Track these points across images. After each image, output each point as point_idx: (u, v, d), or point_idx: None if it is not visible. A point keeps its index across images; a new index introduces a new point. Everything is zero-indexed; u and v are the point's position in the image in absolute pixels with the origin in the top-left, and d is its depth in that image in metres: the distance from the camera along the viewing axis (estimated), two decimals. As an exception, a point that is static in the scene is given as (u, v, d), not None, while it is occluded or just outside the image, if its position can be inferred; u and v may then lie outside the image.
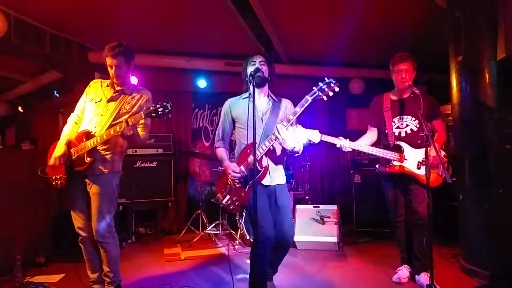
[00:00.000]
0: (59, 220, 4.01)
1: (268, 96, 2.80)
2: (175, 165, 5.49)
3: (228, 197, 2.67)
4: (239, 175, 2.61)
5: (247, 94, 2.76)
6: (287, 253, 2.83)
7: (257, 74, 2.52)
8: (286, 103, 2.82)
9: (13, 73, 6.08)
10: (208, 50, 5.37)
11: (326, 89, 2.45)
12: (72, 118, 2.92)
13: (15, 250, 3.51)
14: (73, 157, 2.74)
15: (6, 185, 3.59)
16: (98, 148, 2.71)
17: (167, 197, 5.35)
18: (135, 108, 2.82)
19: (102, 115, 2.78)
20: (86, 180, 2.74)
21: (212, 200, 4.86)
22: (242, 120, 2.71)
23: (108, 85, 2.87)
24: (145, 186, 5.14)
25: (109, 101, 2.81)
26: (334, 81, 2.46)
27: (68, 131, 2.85)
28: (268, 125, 2.67)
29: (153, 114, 2.53)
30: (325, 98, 2.49)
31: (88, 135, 2.72)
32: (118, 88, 2.84)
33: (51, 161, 2.73)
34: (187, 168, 5.93)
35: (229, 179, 2.68)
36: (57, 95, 6.37)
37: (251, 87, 2.49)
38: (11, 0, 3.80)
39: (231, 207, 2.67)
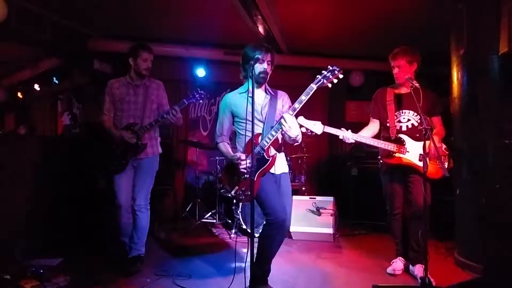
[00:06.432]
0: (59, 205, 4.03)
1: (265, 90, 2.78)
2: (173, 154, 5.50)
3: (236, 187, 2.64)
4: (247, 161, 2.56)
5: (244, 89, 2.75)
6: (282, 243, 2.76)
7: (262, 76, 2.63)
8: (281, 95, 2.82)
9: (12, 59, 6.04)
10: (207, 38, 5.31)
11: (331, 77, 2.49)
12: (106, 118, 3.32)
13: (16, 233, 3.55)
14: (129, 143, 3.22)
15: (9, 170, 3.59)
16: (145, 134, 3.26)
17: (165, 186, 5.39)
18: (160, 96, 3.40)
19: (135, 107, 3.28)
20: (136, 161, 3.29)
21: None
22: (241, 116, 2.70)
23: (128, 81, 3.32)
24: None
25: (136, 93, 3.30)
26: (338, 68, 2.50)
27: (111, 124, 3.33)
28: (268, 118, 2.67)
29: (193, 100, 3.26)
30: (329, 85, 2.52)
31: (133, 125, 3.24)
32: (139, 81, 3.32)
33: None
34: (185, 157, 5.95)
35: (239, 169, 2.59)
36: (56, 82, 6.36)
37: (250, 85, 2.45)
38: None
39: (240, 198, 2.65)
